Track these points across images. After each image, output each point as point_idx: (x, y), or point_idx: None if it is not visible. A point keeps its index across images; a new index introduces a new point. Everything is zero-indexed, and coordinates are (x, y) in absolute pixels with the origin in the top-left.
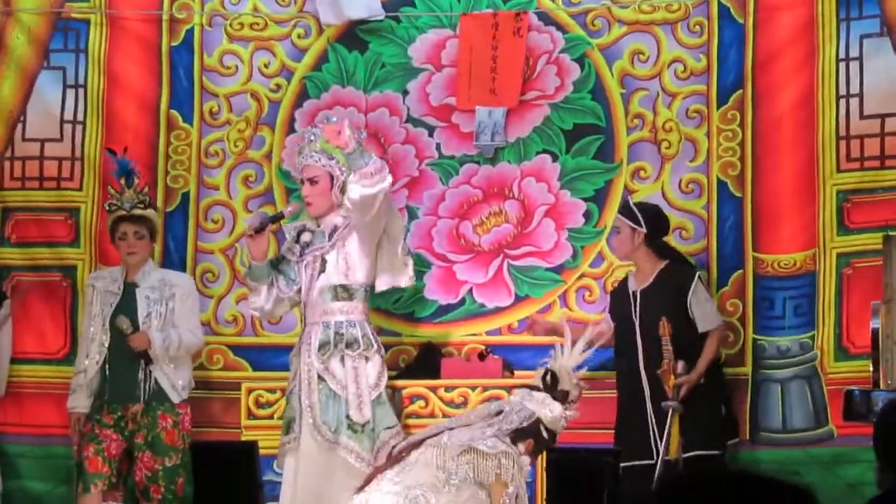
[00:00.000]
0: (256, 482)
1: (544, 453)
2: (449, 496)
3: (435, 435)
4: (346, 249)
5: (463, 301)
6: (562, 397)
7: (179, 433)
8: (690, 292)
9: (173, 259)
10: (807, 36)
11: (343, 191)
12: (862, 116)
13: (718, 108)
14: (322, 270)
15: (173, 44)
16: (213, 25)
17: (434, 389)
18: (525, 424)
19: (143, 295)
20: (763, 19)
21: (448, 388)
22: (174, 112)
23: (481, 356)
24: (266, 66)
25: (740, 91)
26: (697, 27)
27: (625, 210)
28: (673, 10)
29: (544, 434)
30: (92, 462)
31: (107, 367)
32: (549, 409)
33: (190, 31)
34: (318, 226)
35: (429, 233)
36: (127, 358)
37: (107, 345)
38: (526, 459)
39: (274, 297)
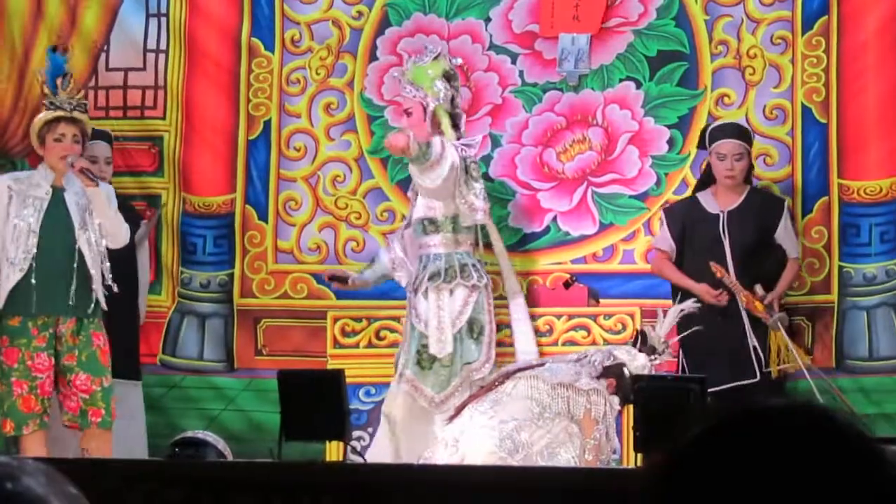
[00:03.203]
0: (343, 410)
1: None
2: (542, 430)
3: (528, 367)
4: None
5: (547, 229)
6: (649, 352)
7: (107, 353)
8: (782, 219)
9: (255, 187)
10: None
11: (434, 120)
12: None
13: (803, 34)
14: (414, 204)
15: None
16: None
17: None
18: (609, 363)
19: (73, 201)
20: None
21: (534, 317)
22: (256, 40)
23: (567, 284)
24: None
25: (825, 17)
26: None
27: (745, 135)
28: None
29: (627, 377)
30: (26, 401)
31: (32, 278)
32: (633, 359)
33: None
34: None
35: (512, 161)
36: (59, 267)
37: (33, 253)
38: (615, 398)
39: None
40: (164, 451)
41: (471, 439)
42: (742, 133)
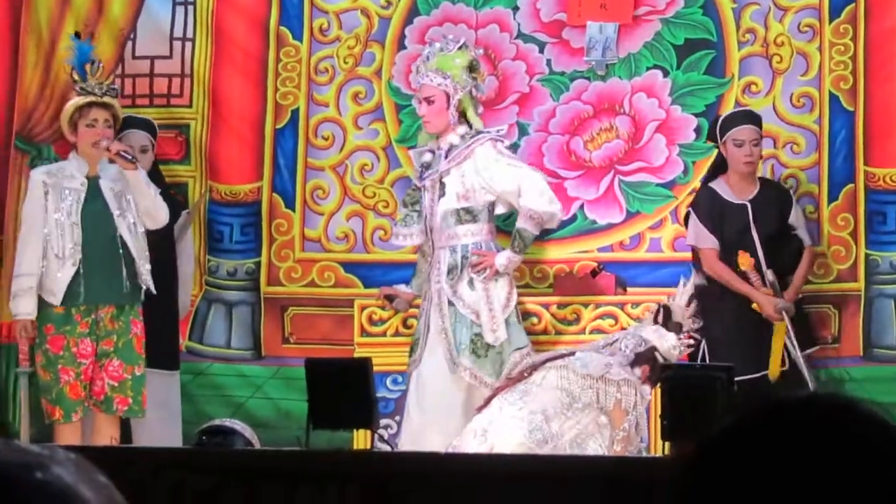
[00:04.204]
0: (370, 399)
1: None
2: (571, 421)
3: (557, 357)
4: (463, 170)
5: (574, 217)
6: (676, 329)
7: (142, 341)
8: (793, 208)
9: (283, 176)
10: None
11: (458, 109)
12: None
13: (831, 21)
14: (442, 194)
15: None
16: None
17: (546, 306)
18: (640, 349)
19: (109, 188)
20: None
21: (561, 306)
22: (284, 29)
23: (594, 273)
24: None
25: (852, 4)
26: None
27: (759, 121)
28: None
29: (660, 361)
30: (73, 388)
31: (80, 268)
32: (663, 339)
33: None
34: (439, 147)
35: (539, 149)
36: (102, 255)
37: (79, 244)
38: (647, 388)
39: (418, 233)
40: (191, 438)
41: (500, 429)
42: (756, 119)
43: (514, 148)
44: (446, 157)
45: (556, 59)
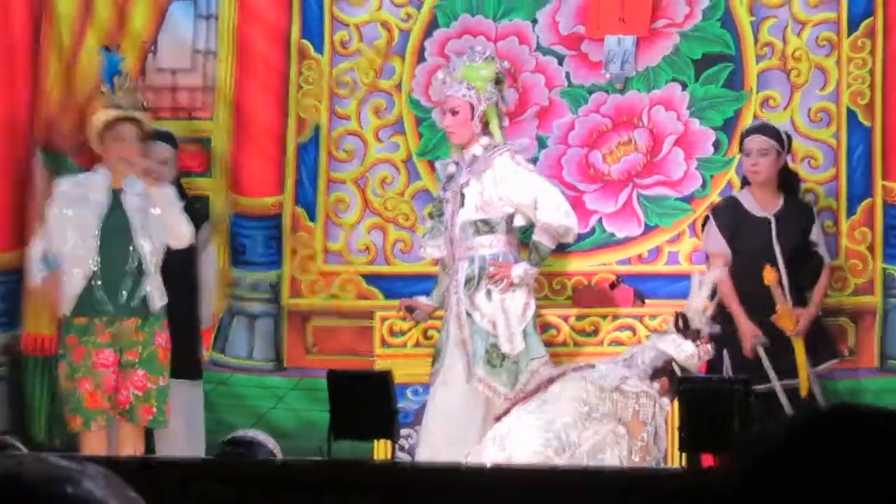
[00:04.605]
0: (391, 409)
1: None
2: (589, 431)
3: (577, 370)
4: (482, 182)
5: (593, 231)
6: (694, 336)
7: (167, 352)
8: (815, 225)
9: (305, 189)
10: None
11: (482, 120)
12: None
13: (848, 35)
14: (461, 205)
15: None
16: None
17: (566, 318)
18: (658, 362)
19: (132, 203)
20: None
21: (579, 318)
22: (305, 42)
23: (612, 286)
24: None
25: (871, 19)
26: None
27: (771, 131)
28: None
29: (677, 373)
30: (92, 397)
31: (97, 279)
32: (680, 349)
33: None
34: (463, 158)
35: (558, 161)
36: (121, 268)
37: (96, 257)
38: (665, 400)
39: (445, 245)
40: (214, 448)
41: (517, 439)
42: (767, 129)
43: (533, 161)
44: (468, 167)
45: (574, 72)
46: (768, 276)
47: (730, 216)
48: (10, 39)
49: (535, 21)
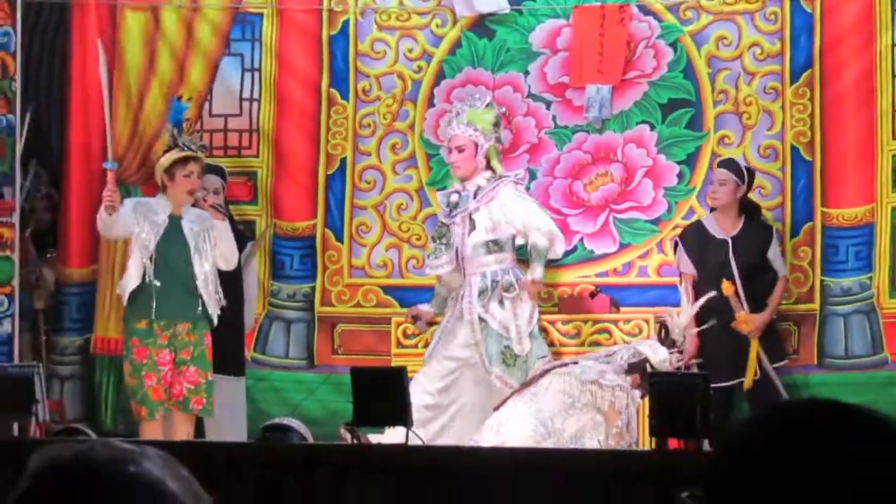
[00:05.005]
0: (405, 401)
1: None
2: (572, 419)
3: (562, 366)
4: (490, 208)
5: (575, 248)
6: (670, 344)
7: (211, 352)
8: (772, 244)
9: (333, 214)
10: (867, 23)
11: (486, 156)
12: None
13: (791, 84)
14: (472, 228)
15: (332, 33)
16: (365, 17)
17: (553, 323)
18: (634, 360)
19: (188, 227)
20: (828, 8)
21: (564, 322)
22: (333, 90)
23: (592, 295)
24: (409, 51)
25: (810, 70)
26: (773, 16)
27: (733, 165)
28: (751, 2)
29: (649, 370)
30: (155, 391)
31: (155, 289)
32: (656, 353)
33: (346, 22)
34: (465, 188)
35: (546, 191)
36: (176, 280)
37: (150, 267)
38: (637, 392)
39: (446, 263)
40: (255, 434)
41: (512, 426)
42: (729, 164)
43: (525, 191)
44: (474, 196)
45: (560, 115)
46: (726, 288)
47: (693, 239)
48: (87, 87)
49: (527, 72)
